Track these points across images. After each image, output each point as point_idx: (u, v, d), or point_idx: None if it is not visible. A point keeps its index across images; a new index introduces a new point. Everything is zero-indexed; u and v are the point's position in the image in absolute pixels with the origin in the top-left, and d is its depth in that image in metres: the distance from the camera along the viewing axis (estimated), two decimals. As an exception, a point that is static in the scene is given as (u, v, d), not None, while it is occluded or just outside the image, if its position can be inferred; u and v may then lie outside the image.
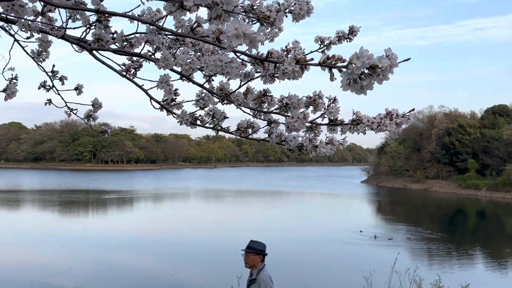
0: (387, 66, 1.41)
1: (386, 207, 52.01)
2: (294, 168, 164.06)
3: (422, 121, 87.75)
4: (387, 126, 2.17)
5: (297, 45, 3.41)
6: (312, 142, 2.52)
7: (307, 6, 2.52)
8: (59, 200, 47.27)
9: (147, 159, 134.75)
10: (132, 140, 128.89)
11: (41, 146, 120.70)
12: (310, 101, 2.26)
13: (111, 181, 78.14)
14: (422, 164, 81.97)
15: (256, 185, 78.16)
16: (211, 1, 1.64)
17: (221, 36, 1.33)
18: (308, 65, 1.48)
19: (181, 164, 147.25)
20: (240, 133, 2.59)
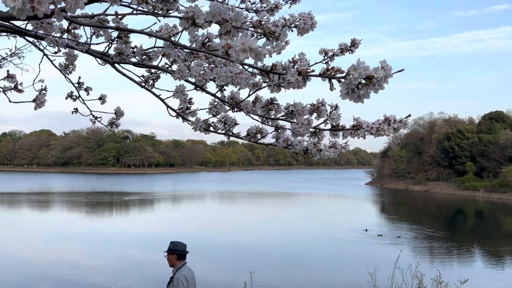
0: (382, 77, 1.43)
1: (390, 207, 51.65)
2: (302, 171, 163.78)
3: (423, 126, 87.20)
4: (386, 131, 2.18)
5: (303, 57, 3.43)
6: (316, 146, 2.53)
7: (311, 21, 2.55)
8: (86, 201, 47.67)
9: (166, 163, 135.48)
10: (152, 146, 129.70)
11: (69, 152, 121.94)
12: (313, 108, 2.28)
13: (133, 183, 78.61)
14: (423, 167, 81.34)
15: (267, 187, 78.14)
16: (221, 18, 1.67)
17: (229, 50, 1.36)
18: (310, 76, 1.50)
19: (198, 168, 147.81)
20: (250, 138, 2.62)
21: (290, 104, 2.29)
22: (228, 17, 1.67)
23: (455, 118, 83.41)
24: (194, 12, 1.62)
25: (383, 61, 1.48)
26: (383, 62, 1.47)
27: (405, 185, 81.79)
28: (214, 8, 1.64)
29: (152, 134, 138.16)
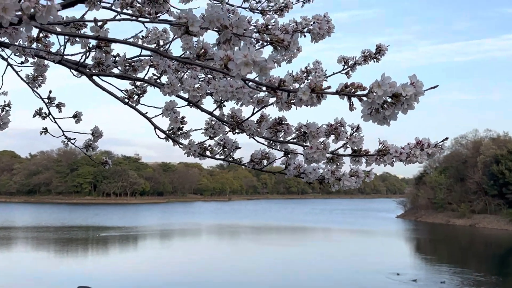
0: (411, 95, 1.45)
1: (427, 245, 51.22)
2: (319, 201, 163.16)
3: (466, 147, 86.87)
4: (418, 157, 2.21)
5: (318, 66, 3.48)
6: (335, 175, 2.55)
7: (327, 25, 2.59)
8: (56, 237, 47.60)
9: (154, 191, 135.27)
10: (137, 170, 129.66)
11: (36, 178, 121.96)
12: (330, 130, 2.30)
13: (113, 216, 78.55)
14: (467, 196, 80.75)
15: (276, 220, 77.79)
16: (220, 24, 1.70)
17: (229, 63, 1.39)
18: (325, 94, 1.53)
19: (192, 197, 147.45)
20: (254, 165, 2.64)
21: (303, 124, 2.32)
22: (227, 23, 1.71)
23: (505, 137, 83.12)
24: (187, 18, 1.66)
25: (412, 76, 1.50)
26: (412, 77, 1.50)
27: (445, 218, 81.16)
28: (211, 12, 1.68)
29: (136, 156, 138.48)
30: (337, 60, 3.55)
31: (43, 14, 1.18)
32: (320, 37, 2.54)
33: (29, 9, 1.17)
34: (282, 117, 2.30)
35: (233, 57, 1.45)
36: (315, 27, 2.53)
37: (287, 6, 3.74)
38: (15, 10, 1.21)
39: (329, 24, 2.63)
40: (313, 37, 2.56)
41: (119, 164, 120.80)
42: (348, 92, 1.52)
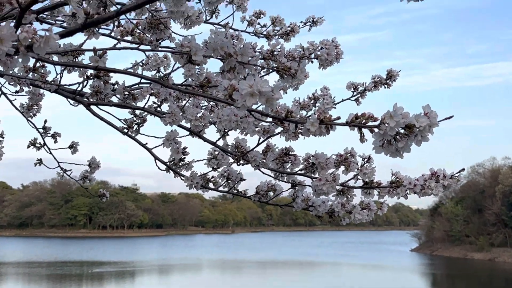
0: (425, 126, 1.46)
1: (443, 281, 50.65)
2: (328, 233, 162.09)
3: (483, 175, 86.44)
4: (433, 189, 2.21)
5: (326, 93, 3.51)
6: (345, 207, 2.55)
7: (336, 51, 2.62)
8: (48, 273, 47.30)
9: (152, 223, 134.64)
10: (134, 201, 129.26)
11: (28, 210, 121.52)
12: (340, 160, 2.31)
13: (109, 250, 78.16)
14: (486, 229, 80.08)
15: (282, 254, 77.21)
16: (224, 52, 1.73)
17: (234, 93, 1.41)
18: (334, 125, 1.54)
19: (193, 229, 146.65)
20: (260, 198, 2.64)
21: (311, 154, 2.33)
22: (232, 51, 1.74)
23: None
24: (190, 47, 1.69)
25: (426, 106, 1.51)
26: (426, 107, 1.51)
27: (462, 252, 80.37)
28: (215, 40, 1.71)
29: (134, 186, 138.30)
30: (346, 86, 3.58)
31: (41, 45, 1.20)
32: (328, 63, 2.57)
33: (27, 40, 1.19)
34: (289, 147, 2.31)
35: (238, 87, 1.47)
36: (323, 53, 2.56)
37: (293, 31, 3.78)
38: (12, 41, 1.23)
39: (338, 49, 2.65)
40: (321, 63, 2.58)
41: (116, 195, 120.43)
42: (359, 123, 1.53)
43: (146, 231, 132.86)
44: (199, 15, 2.45)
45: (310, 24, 4.01)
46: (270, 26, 3.85)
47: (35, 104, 3.02)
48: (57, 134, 3.29)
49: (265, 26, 3.89)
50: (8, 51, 1.23)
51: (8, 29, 1.22)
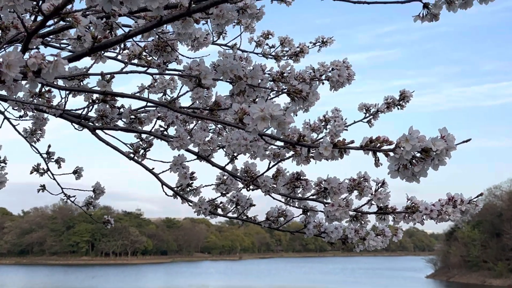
0: (443, 149, 1.46)
1: (460, 309, 49.99)
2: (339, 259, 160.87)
3: (501, 198, 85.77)
4: (450, 215, 2.20)
5: (337, 114, 3.52)
6: (359, 234, 2.55)
7: (347, 72, 2.63)
8: (49, 303, 47.07)
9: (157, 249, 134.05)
10: (138, 227, 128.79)
11: (29, 236, 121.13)
12: (353, 185, 2.31)
13: (112, 278, 77.87)
14: (504, 254, 79.23)
15: (292, 281, 76.66)
16: (234, 75, 1.75)
17: (245, 118, 1.42)
18: (348, 149, 1.55)
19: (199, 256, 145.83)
20: (270, 224, 2.64)
21: (323, 179, 2.32)
22: (241, 74, 1.75)
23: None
24: (199, 71, 1.71)
25: (443, 129, 1.52)
26: (443, 130, 1.51)
27: (480, 278, 79.49)
28: (224, 63, 1.73)
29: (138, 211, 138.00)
30: (358, 107, 3.59)
31: (49, 70, 1.22)
32: (339, 85, 2.58)
33: (35, 65, 1.21)
34: (301, 172, 2.31)
35: (249, 111, 1.48)
36: (334, 74, 2.58)
37: (302, 51, 3.81)
38: (20, 67, 1.25)
39: (349, 70, 2.67)
40: (332, 85, 2.60)
41: (119, 221, 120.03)
42: (373, 147, 1.54)
43: (150, 258, 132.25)
44: (206, 37, 2.48)
45: (320, 45, 4.04)
46: (278, 47, 3.88)
47: (39, 128, 3.05)
48: (61, 159, 3.31)
49: (274, 47, 3.91)
50: (16, 76, 1.25)
51: (16, 55, 1.24)
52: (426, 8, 1.76)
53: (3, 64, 1.24)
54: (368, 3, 1.80)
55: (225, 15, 1.95)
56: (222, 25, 2.03)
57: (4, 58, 1.24)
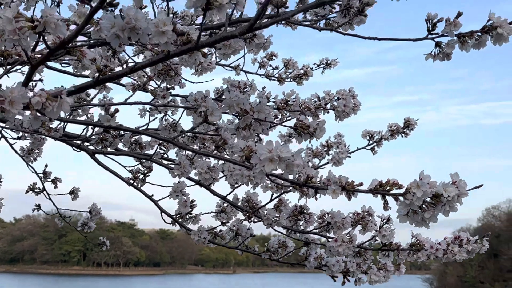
0: (454, 196, 1.44)
1: (456, 331, 49.78)
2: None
3: (499, 218, 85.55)
4: (456, 254, 2.18)
5: (340, 140, 3.50)
6: (361, 267, 2.52)
7: (353, 102, 2.61)
8: (38, 313, 46.79)
9: (150, 261, 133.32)
10: (131, 237, 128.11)
11: (20, 244, 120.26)
12: (357, 219, 2.28)
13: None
14: (501, 275, 78.98)
15: (286, 297, 76.31)
16: (240, 109, 1.72)
17: (252, 158, 1.39)
18: (357, 192, 1.52)
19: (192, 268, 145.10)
20: (271, 255, 2.62)
21: (326, 212, 2.30)
22: (248, 108, 1.73)
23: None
24: (206, 107, 1.69)
25: (454, 174, 1.50)
26: (454, 175, 1.49)
27: (477, 299, 79.24)
28: (230, 96, 1.71)
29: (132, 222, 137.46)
30: (361, 134, 3.57)
31: (54, 109, 1.19)
32: (345, 115, 2.56)
33: (39, 104, 1.19)
34: (304, 205, 2.29)
35: (255, 149, 1.45)
36: (339, 104, 2.55)
37: (306, 74, 3.78)
38: (23, 104, 1.22)
39: (355, 100, 2.65)
40: (338, 115, 2.57)
41: (112, 231, 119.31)
42: (383, 190, 1.51)
43: (143, 269, 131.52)
44: (210, 62, 2.46)
45: (324, 66, 4.03)
46: (282, 69, 3.86)
47: (36, 148, 3.02)
48: (58, 179, 3.29)
49: (277, 68, 3.89)
50: (19, 113, 1.23)
51: (19, 91, 1.22)
52: (438, 46, 1.75)
53: (6, 101, 1.22)
54: (380, 39, 1.78)
55: (232, 45, 1.94)
56: (228, 55, 2.02)
57: (7, 95, 1.22)
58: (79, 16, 1.49)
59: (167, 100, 2.15)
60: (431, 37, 1.73)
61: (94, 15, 1.24)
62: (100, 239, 3.56)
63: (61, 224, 3.57)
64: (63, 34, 1.26)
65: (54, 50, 1.32)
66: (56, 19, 1.25)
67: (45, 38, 1.34)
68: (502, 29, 1.60)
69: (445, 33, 1.69)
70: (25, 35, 1.26)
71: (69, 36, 1.31)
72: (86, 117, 2.61)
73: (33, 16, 1.29)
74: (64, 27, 1.25)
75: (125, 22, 1.26)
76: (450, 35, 1.68)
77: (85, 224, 3.41)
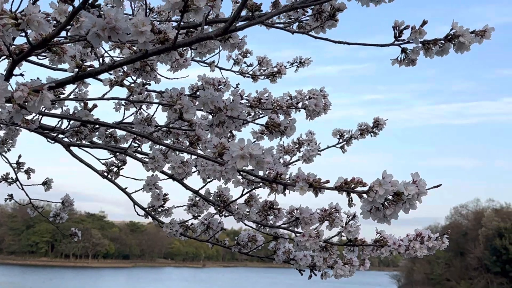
0: (414, 194, 1.53)
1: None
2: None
3: (467, 217, 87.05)
4: (418, 251, 2.28)
5: (311, 138, 3.59)
6: (327, 262, 2.61)
7: (324, 102, 2.70)
8: (4, 304, 46.23)
9: (119, 253, 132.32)
10: (101, 229, 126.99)
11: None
12: (325, 215, 2.37)
13: (71, 281, 76.79)
14: (467, 273, 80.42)
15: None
16: (214, 107, 1.79)
17: (224, 155, 1.46)
18: (323, 189, 1.60)
19: (162, 262, 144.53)
20: (240, 248, 2.69)
21: (295, 208, 2.38)
22: (222, 106, 1.80)
23: (508, 209, 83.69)
24: (182, 105, 1.75)
25: (415, 173, 1.59)
26: (415, 175, 1.58)
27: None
28: (205, 94, 1.77)
29: (101, 213, 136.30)
30: (332, 133, 3.67)
31: (35, 104, 1.25)
32: (316, 114, 2.64)
33: (21, 99, 1.24)
34: (274, 201, 2.36)
35: (228, 146, 1.52)
36: (311, 103, 2.63)
37: (279, 72, 3.86)
38: (5, 98, 1.27)
39: (326, 100, 2.73)
40: (308, 114, 2.65)
41: (81, 222, 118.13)
42: (348, 188, 1.60)
43: (111, 262, 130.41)
44: (186, 59, 2.52)
45: (297, 65, 4.10)
46: (256, 66, 3.93)
47: (11, 139, 3.04)
48: (31, 170, 3.31)
49: (251, 65, 3.96)
50: (1, 106, 1.28)
51: (1, 86, 1.27)
52: (404, 52, 1.84)
53: (-13, 95, 1.26)
54: (349, 44, 1.86)
55: (208, 45, 2.00)
56: (204, 54, 2.08)
57: (-11, 90, 1.27)
58: (59, 14, 1.54)
59: (143, 96, 2.20)
60: (398, 43, 1.82)
61: (76, 15, 1.29)
62: (72, 229, 3.59)
63: (34, 214, 3.59)
64: (45, 32, 1.31)
65: (36, 47, 1.37)
66: (39, 17, 1.30)
67: (27, 34, 1.39)
68: (463, 38, 1.70)
69: (410, 40, 1.78)
70: (8, 31, 1.31)
71: (51, 34, 1.36)
72: (61, 109, 2.64)
73: (16, 13, 1.34)
74: (47, 25, 1.30)
75: (105, 22, 1.32)
76: (415, 42, 1.78)
77: (57, 215, 3.44)
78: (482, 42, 1.75)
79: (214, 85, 2.53)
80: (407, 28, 1.80)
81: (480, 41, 1.75)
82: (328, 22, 1.99)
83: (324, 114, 2.72)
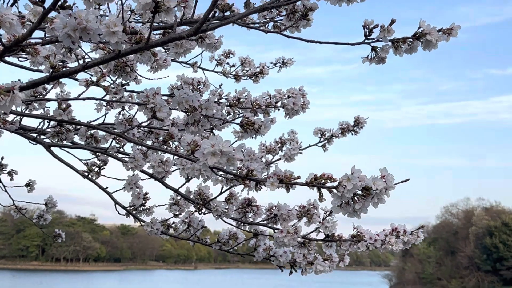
0: (382, 189, 1.57)
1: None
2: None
3: (457, 216, 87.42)
4: (393, 245, 2.33)
5: (293, 137, 3.63)
6: (307, 258, 2.65)
7: (302, 100, 2.74)
8: (-6, 309, 46.00)
9: (110, 256, 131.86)
10: (92, 233, 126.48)
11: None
12: (302, 212, 2.41)
13: (62, 285, 76.49)
14: (458, 272, 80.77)
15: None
16: (189, 106, 1.83)
17: (196, 152, 1.50)
18: (294, 185, 1.64)
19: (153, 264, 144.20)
20: (221, 246, 2.73)
21: (273, 205, 2.42)
22: (197, 104, 1.84)
23: (498, 207, 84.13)
24: (155, 104, 1.78)
25: (383, 169, 1.63)
26: (383, 170, 1.62)
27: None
28: (180, 94, 1.81)
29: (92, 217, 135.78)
30: (313, 132, 3.71)
31: (6, 103, 1.28)
32: (294, 113, 2.68)
33: (-8, 98, 1.27)
34: (252, 198, 2.40)
35: (201, 144, 1.56)
36: (289, 102, 2.68)
37: (262, 72, 3.90)
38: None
39: (304, 99, 2.78)
40: (287, 112, 2.69)
41: (72, 226, 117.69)
42: (318, 183, 1.63)
43: (103, 265, 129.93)
44: (166, 59, 2.55)
45: (280, 65, 4.14)
46: (239, 67, 3.96)
47: (-7, 140, 3.06)
48: (14, 171, 3.33)
49: (234, 66, 3.99)
50: (-27, 106, 1.31)
51: (-26, 86, 1.30)
52: (374, 51, 1.88)
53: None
54: (321, 43, 1.90)
55: (183, 45, 2.04)
56: (180, 54, 2.12)
57: (-39, 89, 1.29)
58: (34, 15, 1.57)
59: (120, 95, 2.23)
60: (368, 42, 1.87)
61: (47, 16, 1.32)
62: (55, 231, 3.61)
63: (17, 216, 3.61)
64: (17, 33, 1.34)
65: (9, 48, 1.40)
66: (11, 18, 1.33)
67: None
68: (431, 36, 1.74)
69: (379, 38, 1.83)
70: (-19, 33, 1.34)
71: (23, 35, 1.39)
72: (42, 110, 2.67)
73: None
74: (19, 26, 1.33)
75: (76, 22, 1.35)
76: (384, 40, 1.82)
77: (40, 216, 3.46)
78: (449, 40, 1.80)
79: (193, 85, 2.56)
80: (376, 27, 1.84)
81: (447, 39, 1.79)
82: (302, 21, 2.02)
83: (303, 113, 2.77)
